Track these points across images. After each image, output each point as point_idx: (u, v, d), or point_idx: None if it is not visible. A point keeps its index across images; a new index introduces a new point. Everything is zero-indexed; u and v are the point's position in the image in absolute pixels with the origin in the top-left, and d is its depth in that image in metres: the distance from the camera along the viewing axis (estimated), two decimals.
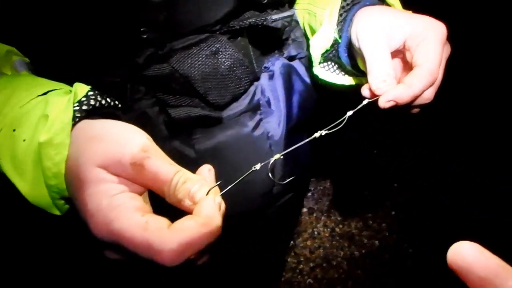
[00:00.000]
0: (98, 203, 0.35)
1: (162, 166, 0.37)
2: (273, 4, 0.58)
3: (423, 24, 0.51)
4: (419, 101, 0.52)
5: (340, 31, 0.56)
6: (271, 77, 0.62)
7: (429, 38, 0.50)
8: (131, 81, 0.55)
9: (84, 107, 0.40)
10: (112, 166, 0.36)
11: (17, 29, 0.51)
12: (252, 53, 0.58)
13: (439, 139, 1.93)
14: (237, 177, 0.59)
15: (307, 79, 0.67)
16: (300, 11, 0.66)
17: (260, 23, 0.56)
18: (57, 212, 0.42)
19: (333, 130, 0.46)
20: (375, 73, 0.51)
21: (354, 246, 1.71)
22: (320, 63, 0.59)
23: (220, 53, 0.54)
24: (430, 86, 0.50)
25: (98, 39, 0.51)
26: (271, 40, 0.61)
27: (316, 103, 0.69)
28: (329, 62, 0.60)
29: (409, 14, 0.54)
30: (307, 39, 0.67)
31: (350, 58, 0.58)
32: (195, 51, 0.53)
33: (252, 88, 0.60)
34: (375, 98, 0.51)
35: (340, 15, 0.56)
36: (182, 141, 0.57)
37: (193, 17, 0.52)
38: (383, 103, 0.50)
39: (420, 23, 0.51)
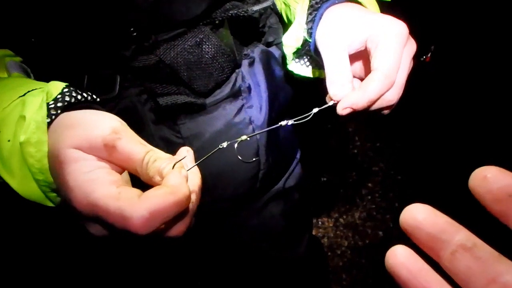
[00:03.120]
0: (76, 178, 0.38)
1: (133, 146, 0.39)
2: None
3: (381, 25, 0.50)
4: (381, 104, 0.51)
5: (310, 29, 0.56)
6: (251, 63, 0.65)
7: (386, 39, 0.49)
8: (121, 72, 0.58)
9: (59, 104, 0.43)
10: (86, 148, 0.39)
11: (11, 26, 0.54)
12: (233, 42, 0.61)
13: (443, 132, 1.92)
14: (221, 160, 0.63)
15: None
16: (277, 0, 0.68)
17: (241, 14, 0.59)
18: (51, 204, 0.45)
19: (299, 121, 0.48)
20: (331, 79, 0.50)
21: (358, 236, 1.72)
22: (293, 59, 0.60)
23: (204, 43, 0.57)
24: (388, 89, 0.49)
25: (88, 37, 0.54)
26: (251, 29, 0.64)
27: (298, 87, 0.71)
28: (304, 57, 0.61)
29: (371, 14, 0.53)
30: (284, 25, 0.69)
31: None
32: (180, 42, 0.56)
33: (233, 76, 0.63)
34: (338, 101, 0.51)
35: (310, 13, 0.56)
36: (168, 126, 0.61)
37: (178, 12, 0.55)
38: (340, 110, 0.49)
39: (379, 24, 0.50)
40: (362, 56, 0.54)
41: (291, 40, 0.58)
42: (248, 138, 0.46)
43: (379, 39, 0.50)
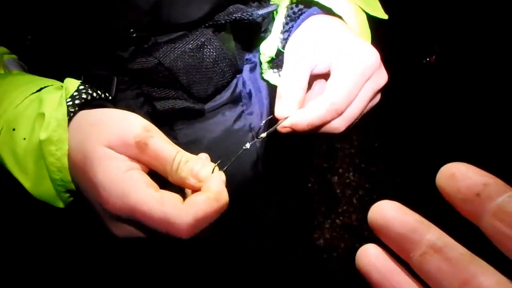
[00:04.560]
0: (110, 177, 0.37)
1: (164, 145, 0.39)
2: None
3: (349, 51, 0.47)
4: (325, 130, 0.48)
5: (285, 40, 0.54)
6: (253, 69, 0.64)
7: (347, 67, 0.47)
8: (118, 73, 0.56)
9: (77, 101, 0.42)
10: (117, 146, 0.39)
11: (7, 23, 0.53)
12: (235, 46, 0.60)
13: (441, 135, 1.92)
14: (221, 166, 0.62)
15: None
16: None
17: (246, 18, 0.57)
18: (61, 205, 0.44)
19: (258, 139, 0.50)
20: (280, 93, 0.48)
21: (354, 238, 1.72)
22: (270, 68, 0.59)
23: (206, 46, 0.56)
24: (333, 118, 0.46)
25: (86, 36, 0.53)
26: (253, 34, 0.62)
27: None
28: (280, 68, 0.59)
29: (345, 37, 0.50)
30: None
31: None
32: (180, 44, 0.55)
33: (234, 81, 0.61)
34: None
35: (286, 23, 0.55)
36: (165, 132, 0.59)
37: (179, 14, 0.53)
38: (279, 127, 0.47)
39: (347, 50, 0.48)
40: (321, 78, 0.52)
41: (266, 49, 0.56)
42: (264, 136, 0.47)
43: (340, 66, 0.47)
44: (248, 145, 0.46)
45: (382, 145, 2.01)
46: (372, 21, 0.60)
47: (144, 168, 0.40)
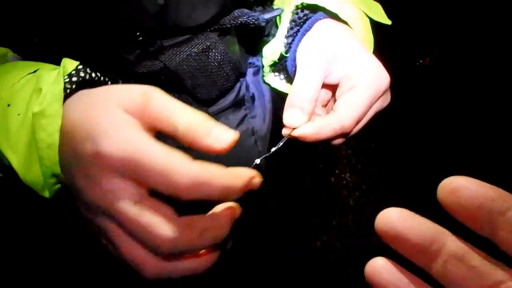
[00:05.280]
0: (115, 126, 0.34)
1: (169, 100, 0.36)
2: (259, 1, 0.60)
3: (362, 69, 0.49)
4: (327, 142, 0.51)
5: (288, 44, 0.55)
6: (256, 72, 0.64)
7: (359, 88, 0.48)
8: (123, 76, 0.57)
9: (74, 79, 0.42)
10: (125, 103, 0.36)
11: (13, 24, 0.53)
12: (239, 50, 0.60)
13: (438, 136, 1.93)
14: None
15: None
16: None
17: (251, 22, 0.57)
18: (47, 194, 0.43)
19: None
20: (292, 103, 0.50)
21: (351, 239, 1.73)
22: (272, 71, 0.60)
23: (211, 50, 0.56)
24: (339, 137, 0.49)
25: (93, 38, 0.53)
26: (257, 38, 0.63)
27: None
28: (282, 72, 0.60)
29: (355, 50, 0.51)
30: None
31: None
32: (186, 48, 0.55)
33: (237, 85, 0.62)
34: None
35: (291, 28, 0.55)
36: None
37: (186, 18, 0.54)
38: (286, 135, 0.50)
39: (359, 68, 0.49)
40: (330, 87, 0.54)
41: (268, 52, 0.57)
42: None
43: (355, 84, 0.48)
44: (258, 161, 0.48)
45: (379, 146, 2.02)
46: (372, 22, 0.61)
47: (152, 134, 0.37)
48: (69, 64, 0.43)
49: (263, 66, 0.60)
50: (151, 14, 0.50)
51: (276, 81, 0.60)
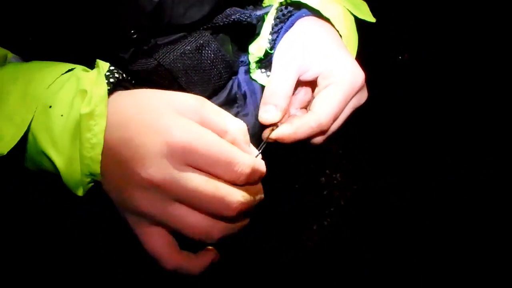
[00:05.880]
0: (170, 117, 0.40)
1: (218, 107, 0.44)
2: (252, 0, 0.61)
3: (337, 67, 0.50)
4: (306, 141, 0.53)
5: (274, 41, 0.56)
6: (248, 70, 0.65)
7: (334, 85, 0.49)
8: None
9: (112, 80, 0.44)
10: (178, 106, 0.41)
11: (7, 23, 0.53)
12: (231, 48, 0.61)
13: (438, 135, 1.94)
14: None
15: None
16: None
17: (244, 19, 0.58)
18: (81, 192, 0.44)
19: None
20: (266, 101, 0.52)
21: (343, 239, 1.73)
22: (258, 68, 0.61)
23: (204, 48, 0.57)
24: (318, 135, 0.51)
25: (88, 37, 0.53)
26: (249, 36, 0.64)
27: None
28: (268, 68, 0.61)
29: (332, 48, 0.52)
30: None
31: None
32: (179, 46, 0.56)
33: (230, 82, 0.63)
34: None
35: (276, 24, 0.57)
36: None
37: (180, 16, 0.54)
38: (265, 137, 0.52)
39: (334, 66, 0.50)
40: (307, 84, 0.55)
41: (254, 49, 0.59)
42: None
43: (330, 82, 0.50)
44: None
45: (370, 147, 2.03)
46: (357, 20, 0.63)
47: None
48: (103, 65, 0.45)
49: (249, 63, 0.61)
50: (146, 12, 0.51)
51: (263, 77, 0.62)
